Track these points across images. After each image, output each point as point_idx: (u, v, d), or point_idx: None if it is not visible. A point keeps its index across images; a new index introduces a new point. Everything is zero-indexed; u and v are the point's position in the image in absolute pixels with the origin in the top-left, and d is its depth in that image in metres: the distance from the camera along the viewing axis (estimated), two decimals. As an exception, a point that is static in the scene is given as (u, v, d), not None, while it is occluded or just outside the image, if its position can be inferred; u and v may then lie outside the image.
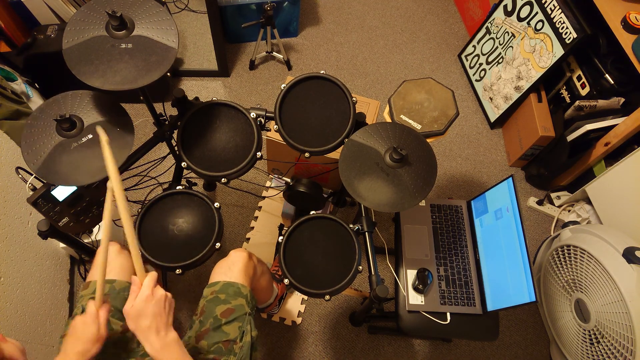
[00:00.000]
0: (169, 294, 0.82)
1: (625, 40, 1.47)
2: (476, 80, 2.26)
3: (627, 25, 1.48)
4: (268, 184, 1.93)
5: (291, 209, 1.76)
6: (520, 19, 1.93)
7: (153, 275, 0.81)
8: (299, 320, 1.64)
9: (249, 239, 1.79)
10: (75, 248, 1.22)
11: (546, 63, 1.79)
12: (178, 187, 1.13)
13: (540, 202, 1.98)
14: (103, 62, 0.91)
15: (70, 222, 1.04)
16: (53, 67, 1.74)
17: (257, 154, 1.13)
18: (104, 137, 0.81)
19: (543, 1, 1.80)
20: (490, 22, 2.12)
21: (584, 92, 1.76)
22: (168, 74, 1.49)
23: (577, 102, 1.75)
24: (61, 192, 1.00)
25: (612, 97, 1.70)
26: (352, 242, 1.10)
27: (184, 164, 1.10)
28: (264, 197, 1.88)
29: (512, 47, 1.98)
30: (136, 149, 1.13)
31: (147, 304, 0.78)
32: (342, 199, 1.74)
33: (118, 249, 1.08)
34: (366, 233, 1.14)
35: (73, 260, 1.66)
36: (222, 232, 1.11)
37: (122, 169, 1.09)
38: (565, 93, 1.86)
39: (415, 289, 1.29)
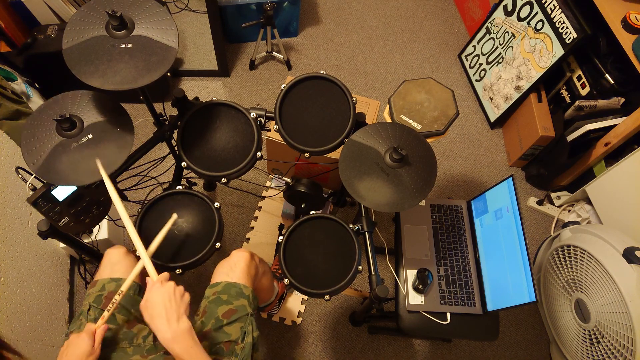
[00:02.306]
0: (181, 287, 0.87)
1: (625, 40, 1.47)
2: (476, 80, 2.26)
3: (627, 25, 1.48)
4: (268, 184, 1.93)
5: (291, 209, 1.76)
6: (520, 19, 1.93)
7: (164, 273, 0.89)
8: (299, 320, 1.64)
9: (249, 239, 1.79)
10: (75, 248, 1.22)
11: (546, 63, 1.79)
12: (178, 187, 1.13)
13: (540, 202, 1.98)
14: (103, 62, 0.91)
15: (70, 222, 1.04)
16: (53, 67, 1.74)
17: (257, 154, 1.13)
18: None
19: (543, 1, 1.80)
20: (490, 22, 2.12)
21: (584, 92, 1.76)
22: (168, 74, 1.49)
23: (577, 102, 1.75)
24: (61, 192, 1.00)
25: (612, 97, 1.70)
26: (352, 242, 1.10)
27: (184, 164, 1.10)
28: (264, 197, 1.88)
29: (512, 47, 1.98)
30: (136, 149, 1.13)
31: (156, 293, 0.83)
32: (342, 199, 1.74)
33: (125, 251, 1.09)
34: (366, 233, 1.14)
35: (73, 260, 1.66)
36: (222, 232, 1.11)
37: (122, 169, 1.09)
38: (565, 93, 1.86)
39: (415, 289, 1.29)
